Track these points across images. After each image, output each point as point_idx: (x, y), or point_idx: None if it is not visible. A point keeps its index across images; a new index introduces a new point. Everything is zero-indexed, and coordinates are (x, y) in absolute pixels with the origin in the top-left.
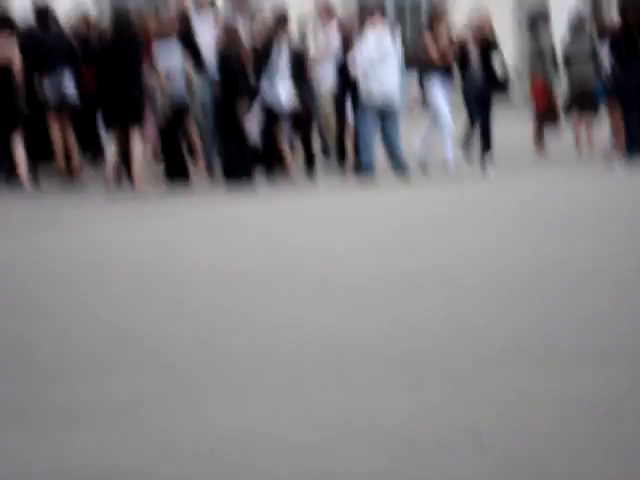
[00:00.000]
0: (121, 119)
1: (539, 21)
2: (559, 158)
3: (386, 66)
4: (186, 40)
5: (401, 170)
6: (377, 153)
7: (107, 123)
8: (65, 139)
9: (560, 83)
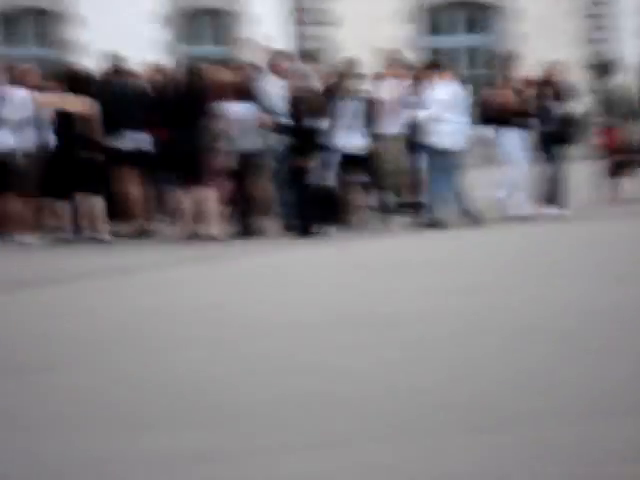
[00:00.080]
0: (185, 174)
1: (609, 69)
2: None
3: (454, 114)
4: (256, 90)
5: (470, 217)
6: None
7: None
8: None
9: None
